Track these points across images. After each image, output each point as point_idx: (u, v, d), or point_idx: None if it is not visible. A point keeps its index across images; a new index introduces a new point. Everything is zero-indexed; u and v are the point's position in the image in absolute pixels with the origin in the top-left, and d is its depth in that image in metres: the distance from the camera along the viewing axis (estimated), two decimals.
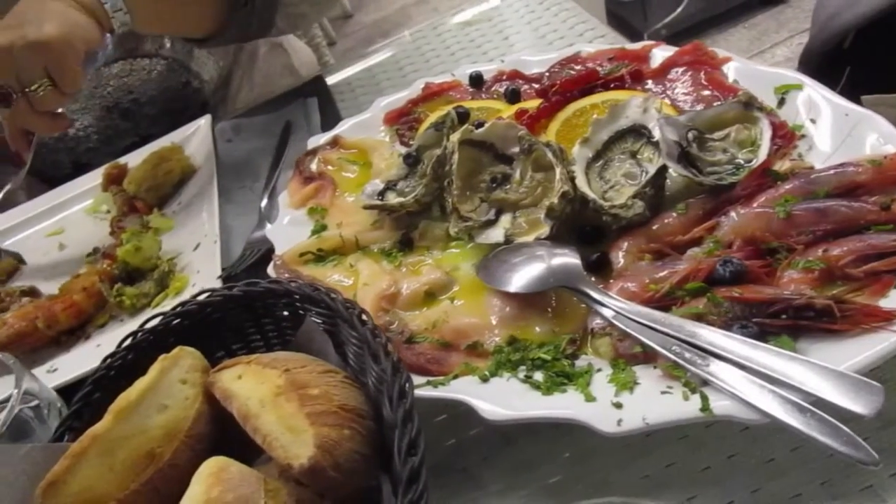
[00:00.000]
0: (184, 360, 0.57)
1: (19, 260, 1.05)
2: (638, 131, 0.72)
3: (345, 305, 0.56)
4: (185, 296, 0.84)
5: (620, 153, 0.72)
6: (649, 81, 0.81)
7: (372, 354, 0.53)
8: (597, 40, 1.02)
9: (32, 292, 0.97)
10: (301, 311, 0.62)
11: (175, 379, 0.56)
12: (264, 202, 0.95)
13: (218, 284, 0.81)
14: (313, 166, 0.90)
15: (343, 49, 3.74)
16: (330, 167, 0.89)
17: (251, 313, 0.64)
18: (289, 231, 0.82)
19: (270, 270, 0.76)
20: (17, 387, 0.59)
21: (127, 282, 0.89)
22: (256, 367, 0.56)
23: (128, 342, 0.63)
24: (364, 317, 0.55)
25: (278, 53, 1.42)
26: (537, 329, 0.61)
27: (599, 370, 0.56)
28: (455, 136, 0.75)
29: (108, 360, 0.62)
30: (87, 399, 0.61)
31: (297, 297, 0.60)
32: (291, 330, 0.64)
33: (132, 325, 0.85)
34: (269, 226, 0.84)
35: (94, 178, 1.15)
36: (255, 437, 0.50)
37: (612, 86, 0.81)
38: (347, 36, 4.12)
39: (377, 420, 0.52)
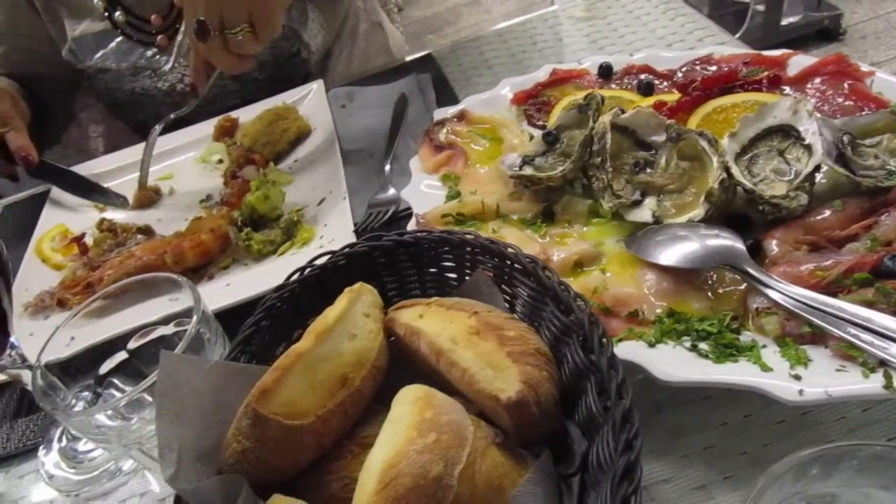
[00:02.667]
0: (365, 296, 0.59)
1: (123, 203, 1.08)
2: (786, 131, 0.74)
3: (526, 258, 0.59)
4: (312, 247, 0.87)
5: (767, 150, 0.75)
6: (787, 88, 0.84)
7: (561, 305, 0.55)
8: (707, 39, 1.06)
9: (148, 231, 1.00)
10: (469, 263, 0.64)
11: (359, 312, 0.58)
12: (388, 167, 0.97)
13: (351, 238, 0.83)
14: (442, 136, 0.93)
15: None
16: (460, 139, 0.92)
17: (415, 261, 0.67)
18: (424, 194, 0.84)
19: (412, 227, 0.79)
20: (196, 307, 0.61)
21: (251, 228, 0.91)
22: (438, 308, 0.58)
23: (296, 276, 0.65)
24: (548, 272, 0.58)
25: (378, 33, 1.45)
26: (695, 305, 0.64)
27: (765, 346, 0.58)
28: (606, 118, 0.78)
29: (278, 291, 0.65)
30: (257, 326, 0.63)
31: (472, 248, 0.63)
32: (454, 280, 0.66)
33: (256, 269, 0.88)
34: (405, 188, 0.86)
35: (201, 129, 1.18)
36: (450, 371, 0.53)
37: (749, 88, 0.84)
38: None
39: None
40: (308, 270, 0.66)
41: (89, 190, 1.07)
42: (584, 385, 0.52)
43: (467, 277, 0.64)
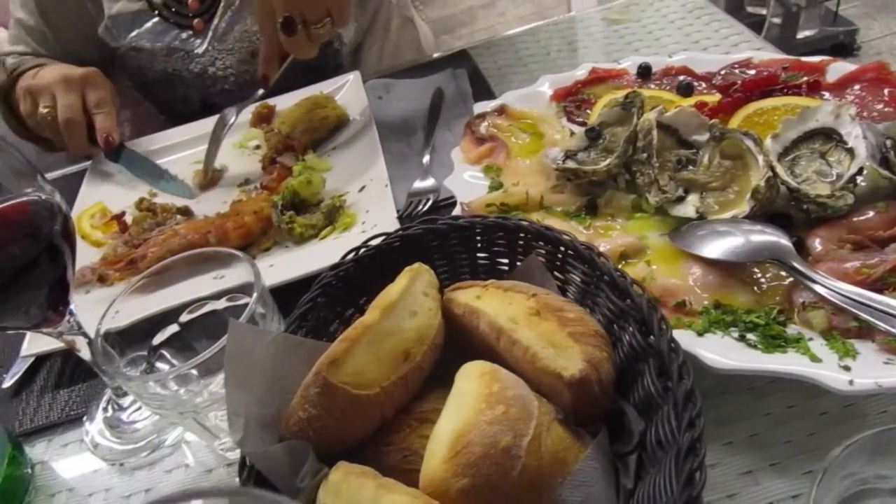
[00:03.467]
0: (424, 275, 0.61)
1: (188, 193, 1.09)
2: (828, 134, 0.76)
3: (581, 245, 0.60)
4: (354, 232, 0.89)
5: (809, 152, 0.76)
6: (826, 93, 0.85)
7: (617, 291, 0.57)
8: (742, 45, 1.07)
9: (187, 212, 1.01)
10: (522, 249, 0.66)
11: (419, 291, 0.59)
12: (426, 158, 0.99)
13: (395, 224, 0.85)
14: (482, 129, 0.95)
15: None
16: (501, 132, 0.93)
17: (466, 246, 0.68)
18: (467, 184, 0.86)
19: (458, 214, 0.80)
20: (256, 282, 0.63)
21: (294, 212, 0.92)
22: (496, 290, 0.60)
23: (351, 255, 0.67)
24: (603, 258, 0.59)
25: (409, 28, 1.47)
26: (741, 298, 0.65)
27: (811, 339, 0.60)
28: (651, 115, 0.79)
29: (334, 270, 0.66)
30: (314, 302, 0.64)
31: (527, 234, 0.64)
32: (505, 266, 0.68)
33: (298, 251, 0.90)
34: (447, 177, 0.88)
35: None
36: (511, 349, 0.54)
37: (789, 92, 0.86)
38: None
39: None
40: (363, 251, 0.67)
41: (159, 177, 1.09)
42: (640, 368, 0.54)
43: (518, 264, 0.66)
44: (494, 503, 0.46)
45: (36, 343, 0.85)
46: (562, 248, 0.62)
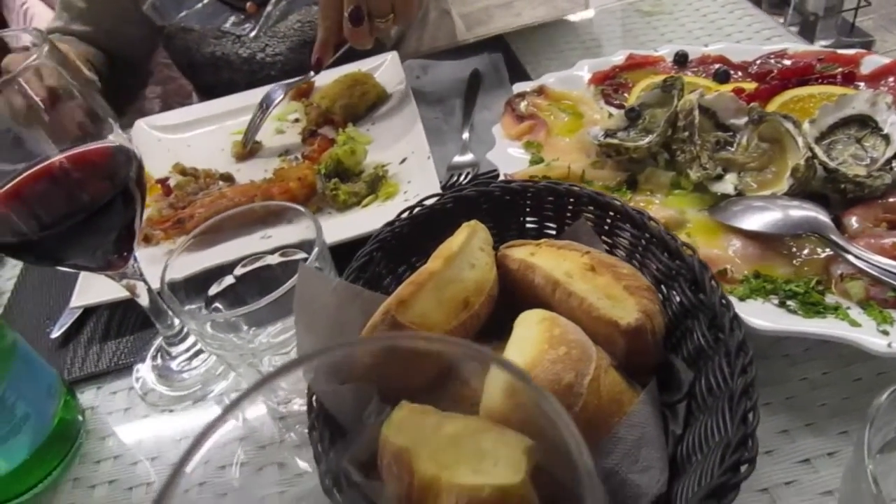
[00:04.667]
0: (481, 232, 0.63)
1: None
2: (864, 121, 0.79)
3: (632, 209, 0.63)
4: (397, 201, 0.91)
5: (845, 137, 0.79)
6: (861, 84, 0.88)
7: (669, 252, 0.59)
8: (775, 39, 1.10)
9: (229, 178, 1.04)
10: (570, 214, 0.68)
11: (476, 246, 0.62)
12: (466, 134, 1.01)
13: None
14: (522, 108, 0.97)
15: None
16: (540, 112, 0.96)
17: (514, 209, 0.71)
18: (509, 157, 0.89)
19: None
20: (318, 237, 0.65)
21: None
22: (549, 248, 0.62)
23: (406, 214, 0.70)
24: (654, 221, 0.62)
25: (446, 20, 1.51)
26: (780, 270, 0.68)
27: (849, 308, 0.62)
28: (692, 97, 0.82)
29: (389, 227, 0.69)
30: (371, 255, 0.67)
31: (578, 198, 0.67)
32: (552, 230, 0.70)
33: (341, 218, 0.93)
34: (489, 151, 0.90)
35: None
36: (567, 300, 0.57)
37: (825, 82, 0.88)
38: None
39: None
40: (417, 210, 0.70)
41: None
42: (689, 324, 0.56)
43: (566, 229, 0.69)
44: None
45: (84, 295, 0.87)
46: (611, 213, 0.65)
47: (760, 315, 0.62)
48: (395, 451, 0.48)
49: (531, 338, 0.52)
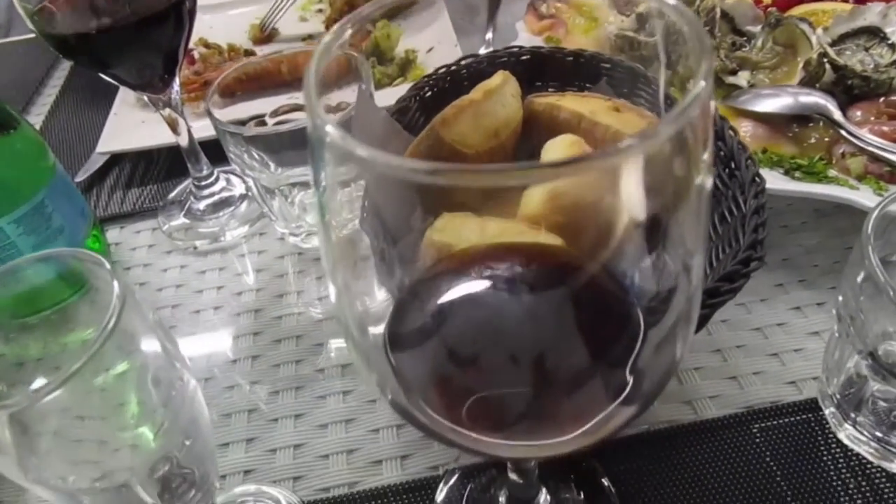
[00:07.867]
0: (512, 81, 0.67)
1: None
2: (874, 32, 0.83)
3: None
4: None
5: (854, 46, 0.84)
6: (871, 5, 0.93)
7: None
8: None
9: (253, 54, 1.06)
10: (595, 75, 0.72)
11: (507, 92, 0.66)
12: (489, 34, 1.05)
13: None
14: (543, 9, 1.01)
15: None
16: (560, 14, 1.00)
17: (545, 76, 0.74)
18: None
19: None
20: (367, 82, 0.68)
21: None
22: (573, 97, 0.66)
23: (443, 70, 0.73)
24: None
25: None
26: (786, 149, 0.73)
27: (847, 180, 0.67)
28: (712, 1, 0.86)
29: (429, 77, 0.72)
30: (408, 103, 0.70)
31: (620, 69, 0.71)
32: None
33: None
34: (512, 42, 0.94)
35: None
36: (593, 129, 0.60)
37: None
38: None
39: None
40: (454, 67, 0.73)
41: None
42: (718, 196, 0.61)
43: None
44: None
45: (112, 141, 0.89)
46: (647, 82, 0.69)
47: (768, 180, 0.66)
48: (439, 247, 0.52)
49: (561, 149, 0.56)
